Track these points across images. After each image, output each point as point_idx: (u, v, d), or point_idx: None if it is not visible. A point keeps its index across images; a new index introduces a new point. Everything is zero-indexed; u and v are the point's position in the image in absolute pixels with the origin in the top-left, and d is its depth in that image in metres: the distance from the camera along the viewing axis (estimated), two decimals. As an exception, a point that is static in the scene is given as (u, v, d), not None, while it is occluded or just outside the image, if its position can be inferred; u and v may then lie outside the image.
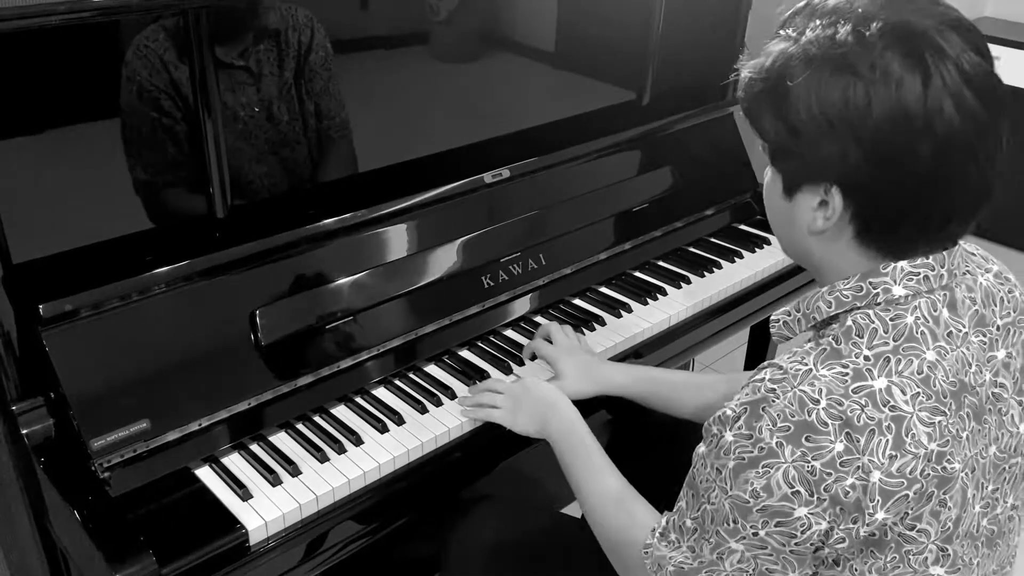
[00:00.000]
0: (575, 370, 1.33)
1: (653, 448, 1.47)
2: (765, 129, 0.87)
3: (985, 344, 0.89)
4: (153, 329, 1.17)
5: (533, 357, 1.41)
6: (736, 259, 1.75)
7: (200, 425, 1.17)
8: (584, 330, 1.50)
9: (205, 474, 1.16)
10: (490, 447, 1.31)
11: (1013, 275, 0.98)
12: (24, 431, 1.11)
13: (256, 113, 1.29)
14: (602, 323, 1.52)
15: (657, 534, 0.97)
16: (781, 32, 0.86)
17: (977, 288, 0.91)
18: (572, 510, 1.88)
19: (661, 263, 1.72)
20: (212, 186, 1.25)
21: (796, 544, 0.83)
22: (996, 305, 0.92)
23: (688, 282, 1.66)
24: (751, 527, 0.84)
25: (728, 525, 0.86)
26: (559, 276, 1.57)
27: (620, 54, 1.79)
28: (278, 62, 1.29)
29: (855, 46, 0.79)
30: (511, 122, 1.61)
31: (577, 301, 1.59)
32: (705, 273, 1.69)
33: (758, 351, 2.04)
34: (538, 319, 1.53)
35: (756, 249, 1.79)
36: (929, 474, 0.80)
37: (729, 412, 0.86)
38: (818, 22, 0.82)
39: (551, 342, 1.39)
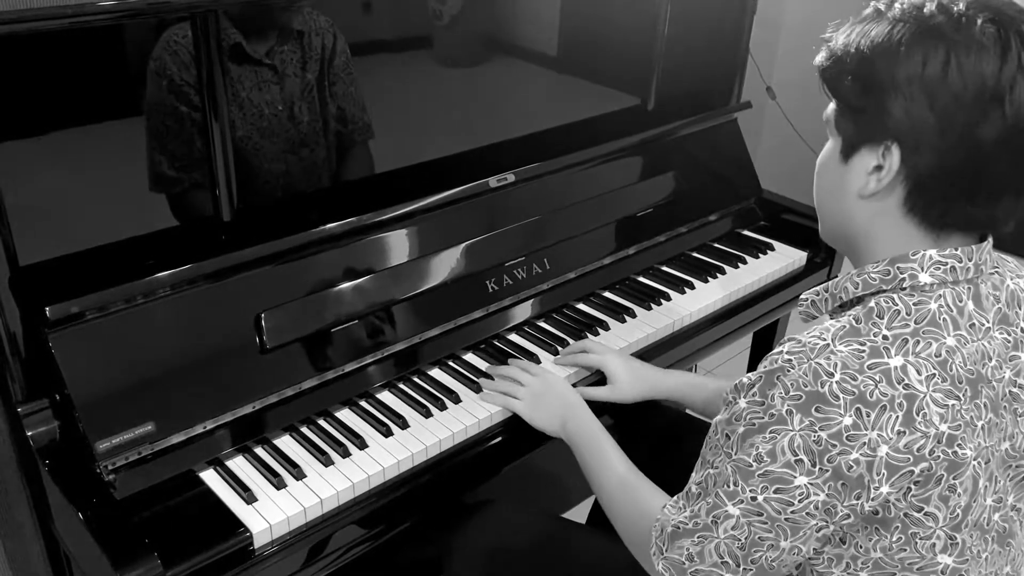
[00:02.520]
0: (628, 375, 1.36)
1: (657, 452, 1.47)
2: (840, 89, 0.89)
3: (1009, 343, 0.91)
4: (158, 332, 1.17)
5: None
6: (740, 264, 1.76)
7: (205, 428, 1.17)
8: (588, 335, 1.50)
9: (210, 477, 1.16)
10: (494, 451, 1.31)
11: None
12: (29, 433, 1.12)
13: (279, 112, 1.30)
14: (606, 328, 1.53)
15: (669, 505, 0.99)
16: (867, 12, 0.90)
17: (1003, 289, 0.93)
18: (575, 515, 1.89)
19: (665, 268, 1.72)
20: (218, 189, 1.26)
21: (792, 512, 0.84)
22: (1021, 308, 0.93)
23: (692, 287, 1.66)
24: (750, 491, 0.86)
25: (728, 488, 0.88)
26: (564, 280, 1.57)
27: (625, 59, 1.79)
28: (301, 63, 1.30)
29: (940, 16, 0.82)
30: (516, 127, 1.62)
31: (581, 306, 1.59)
32: (709, 279, 1.69)
33: (760, 357, 2.04)
34: (542, 323, 1.53)
35: (760, 255, 1.79)
36: (939, 456, 0.82)
37: (746, 380, 0.89)
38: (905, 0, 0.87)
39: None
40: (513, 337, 1.49)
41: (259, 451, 1.21)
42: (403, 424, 1.27)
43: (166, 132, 1.20)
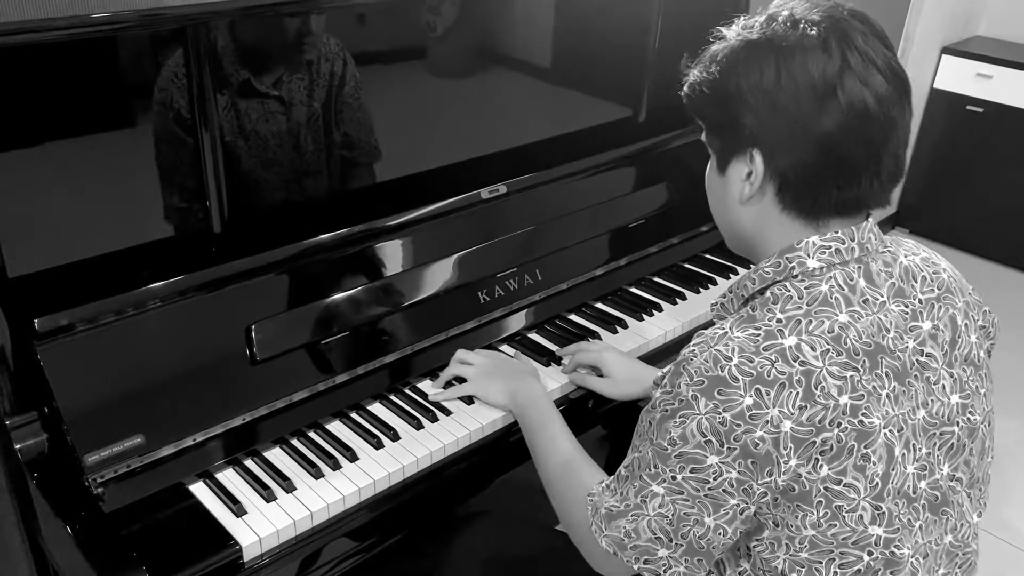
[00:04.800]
0: (624, 373, 1.38)
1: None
2: (701, 110, 0.99)
3: (907, 314, 0.95)
4: (148, 344, 1.17)
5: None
6: (731, 275, 1.76)
7: (195, 440, 1.17)
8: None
9: (199, 489, 1.16)
10: (486, 463, 1.31)
11: (947, 262, 1.03)
12: (17, 446, 1.11)
13: (284, 142, 1.29)
14: (598, 339, 1.52)
15: (603, 485, 1.04)
16: (714, 37, 0.99)
17: (895, 265, 0.97)
18: (567, 526, 1.87)
19: (657, 279, 1.72)
20: (209, 200, 1.25)
21: (709, 489, 0.90)
22: (916, 282, 0.97)
23: (683, 298, 1.66)
24: (670, 471, 0.92)
25: (651, 470, 0.94)
26: (555, 292, 1.57)
27: (616, 71, 1.80)
28: (308, 91, 1.30)
29: (766, 29, 0.92)
30: (508, 138, 1.62)
31: (573, 317, 1.59)
32: (700, 289, 1.70)
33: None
34: (534, 335, 1.53)
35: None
36: (846, 427, 0.87)
37: (659, 374, 0.96)
38: (740, 21, 0.97)
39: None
40: (505, 348, 1.49)
41: (249, 464, 1.20)
42: (394, 436, 1.26)
43: (155, 144, 1.20)
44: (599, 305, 1.63)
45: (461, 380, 1.36)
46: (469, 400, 1.34)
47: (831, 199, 0.93)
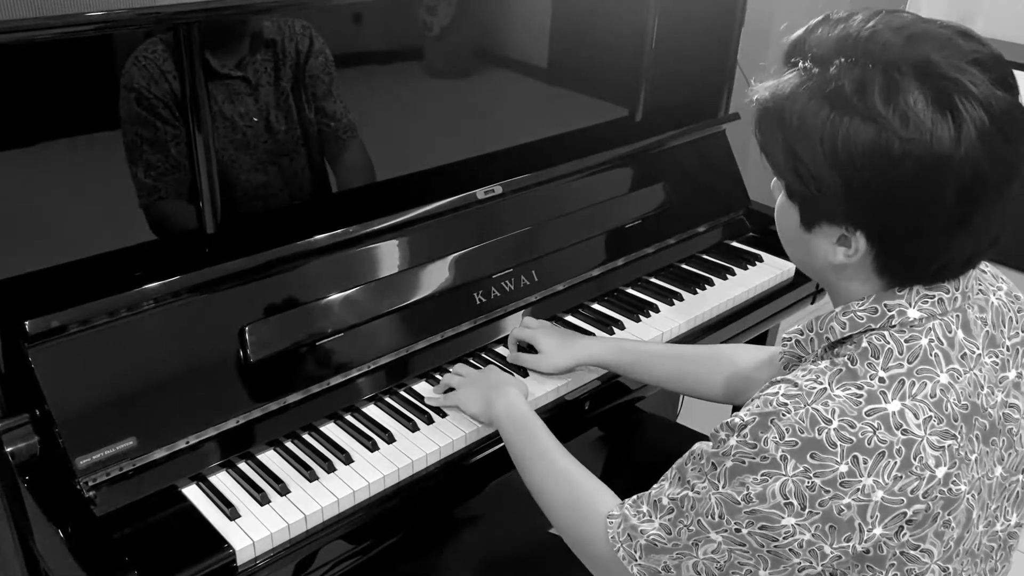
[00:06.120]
0: (555, 345, 1.38)
1: (648, 467, 1.47)
2: (781, 168, 0.85)
3: (997, 365, 0.90)
4: (141, 345, 1.16)
5: (526, 373, 1.40)
6: (728, 276, 1.75)
7: (188, 443, 1.16)
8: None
9: (192, 492, 1.15)
10: (481, 466, 1.30)
11: (1023, 294, 0.99)
12: (9, 449, 1.10)
13: (254, 123, 1.28)
14: (594, 340, 1.52)
15: (627, 505, 0.97)
16: (799, 63, 0.84)
17: (988, 308, 0.92)
18: (564, 528, 1.87)
19: (653, 280, 1.71)
20: (202, 201, 1.25)
21: (775, 546, 0.84)
22: (1005, 326, 0.92)
23: (680, 299, 1.66)
24: (735, 524, 0.85)
25: (712, 518, 0.87)
26: (551, 292, 1.57)
27: (613, 71, 1.79)
28: (275, 72, 1.29)
29: (883, 92, 0.77)
30: (504, 138, 1.61)
31: (569, 318, 1.58)
32: (697, 290, 1.69)
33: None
34: (530, 336, 1.52)
35: (748, 266, 1.79)
36: (936, 496, 0.81)
37: (737, 420, 0.86)
38: (842, 60, 0.80)
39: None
40: (501, 350, 1.48)
41: (243, 466, 1.20)
42: (389, 438, 1.26)
43: (148, 146, 1.19)
44: (596, 306, 1.62)
45: None
46: (465, 402, 1.34)
47: (938, 269, 0.85)
